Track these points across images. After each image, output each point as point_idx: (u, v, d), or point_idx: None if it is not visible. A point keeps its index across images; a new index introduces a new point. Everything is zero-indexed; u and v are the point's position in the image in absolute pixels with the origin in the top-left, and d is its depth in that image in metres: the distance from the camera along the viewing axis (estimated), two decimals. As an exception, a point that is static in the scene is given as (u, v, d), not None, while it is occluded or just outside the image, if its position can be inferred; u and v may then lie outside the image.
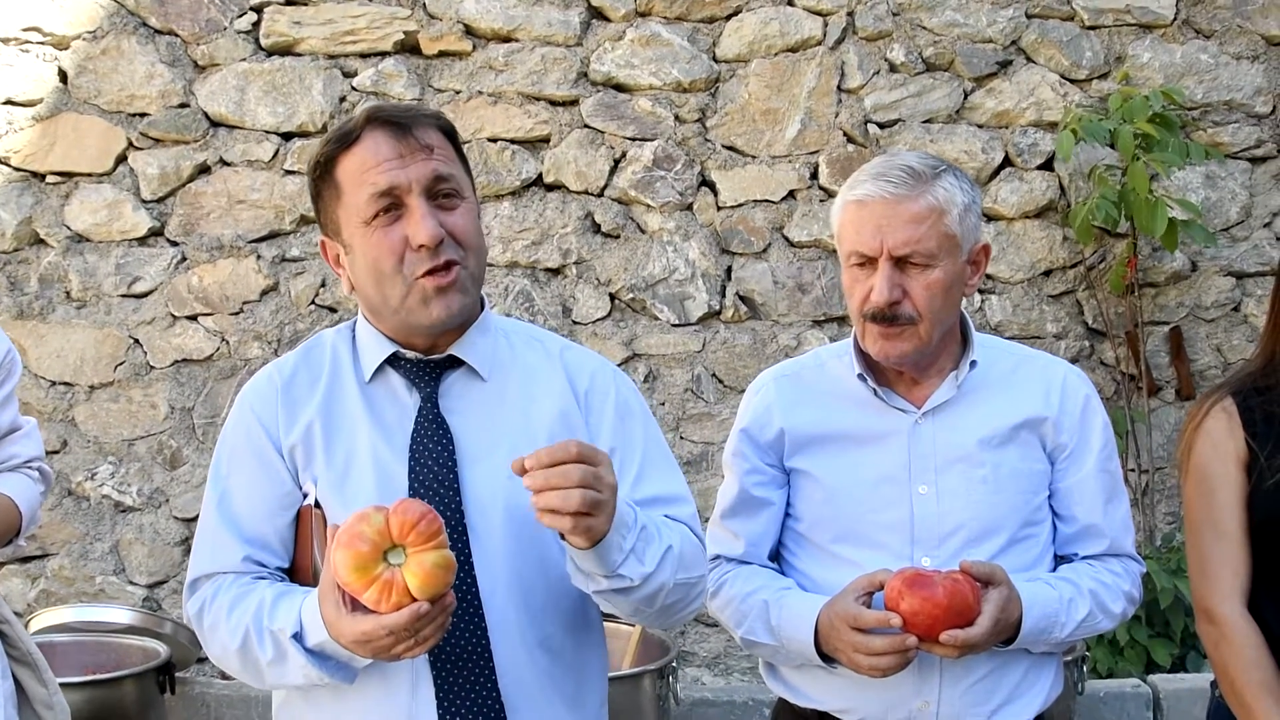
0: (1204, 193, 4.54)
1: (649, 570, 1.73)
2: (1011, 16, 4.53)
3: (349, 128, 1.81)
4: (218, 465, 1.89)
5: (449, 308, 1.79)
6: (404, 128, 1.78)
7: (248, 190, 4.48)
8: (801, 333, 4.51)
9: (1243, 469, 2.14)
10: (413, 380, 1.86)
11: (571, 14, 4.51)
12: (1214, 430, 2.16)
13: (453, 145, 1.85)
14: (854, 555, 2.06)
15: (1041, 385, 2.14)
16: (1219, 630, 2.12)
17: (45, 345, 4.44)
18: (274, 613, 1.73)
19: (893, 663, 1.92)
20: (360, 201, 1.78)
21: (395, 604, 1.56)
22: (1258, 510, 2.12)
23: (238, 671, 1.80)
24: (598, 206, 4.53)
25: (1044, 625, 2.03)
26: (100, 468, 4.47)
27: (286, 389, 1.87)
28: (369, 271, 1.80)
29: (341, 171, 1.80)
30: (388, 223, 1.77)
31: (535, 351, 1.94)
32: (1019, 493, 2.08)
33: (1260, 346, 2.25)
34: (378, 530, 1.56)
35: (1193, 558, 2.19)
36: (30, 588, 4.43)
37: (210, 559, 1.84)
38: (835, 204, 2.10)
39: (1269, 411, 2.14)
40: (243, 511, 1.84)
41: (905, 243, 1.99)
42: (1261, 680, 2.06)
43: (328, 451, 1.82)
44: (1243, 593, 2.13)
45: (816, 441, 2.12)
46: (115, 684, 3.58)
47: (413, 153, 1.77)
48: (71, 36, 4.46)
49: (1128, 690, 4.07)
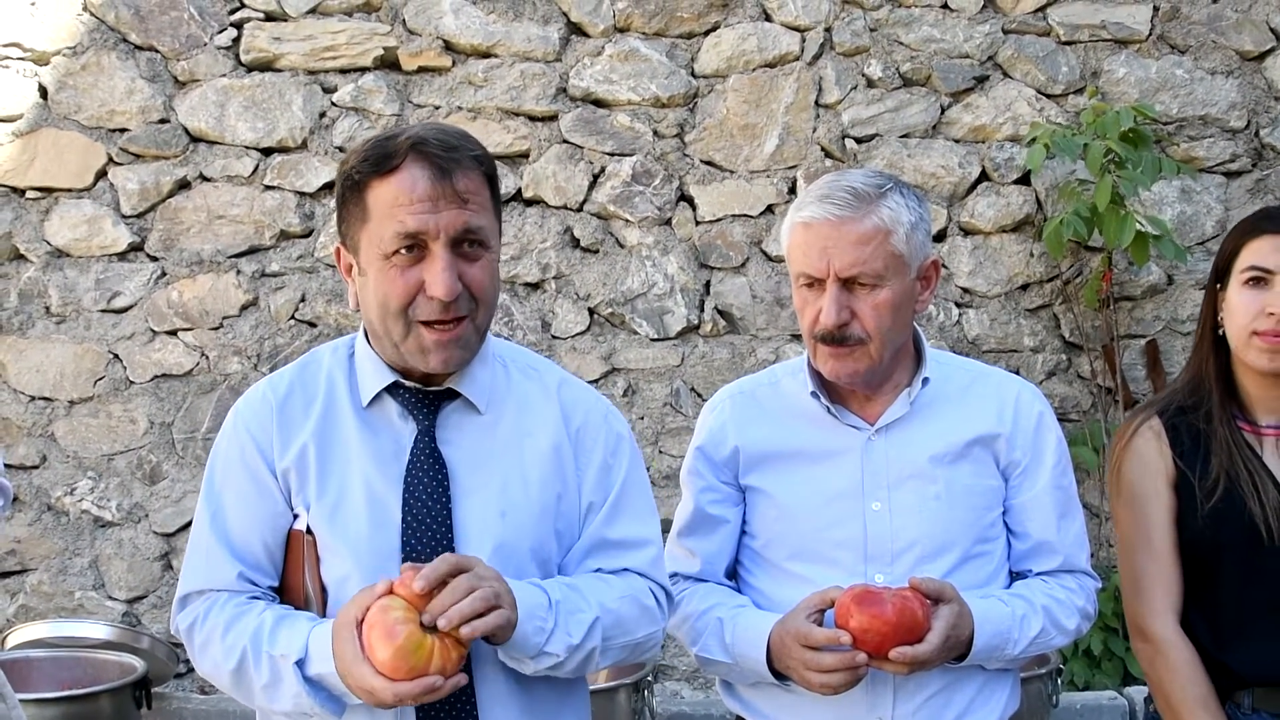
0: (1179, 207, 4.56)
1: (575, 642, 1.77)
2: (988, 32, 4.55)
3: (389, 151, 1.74)
4: (211, 481, 1.88)
5: (446, 363, 1.79)
6: (445, 171, 1.73)
7: (228, 205, 4.49)
8: (780, 347, 4.53)
9: (1172, 487, 2.17)
10: (410, 410, 1.85)
11: (550, 30, 4.53)
12: (1143, 450, 2.19)
13: (490, 189, 1.81)
14: (808, 572, 2.07)
15: (995, 402, 2.14)
16: (1153, 648, 2.16)
17: (25, 360, 4.45)
18: (274, 637, 1.73)
19: (843, 680, 1.93)
20: (385, 234, 1.74)
21: (457, 663, 1.64)
22: (1187, 529, 2.14)
23: (230, 689, 1.80)
24: (577, 221, 4.54)
25: (997, 642, 2.03)
26: (80, 483, 4.47)
27: (282, 409, 1.86)
28: (376, 304, 1.78)
29: (373, 196, 1.76)
30: (408, 263, 1.74)
31: (532, 382, 1.94)
32: (972, 509, 2.09)
33: (1187, 366, 2.27)
34: (405, 611, 1.63)
35: (1126, 576, 2.21)
36: (9, 603, 4.43)
37: (204, 575, 1.84)
38: (784, 225, 2.12)
39: (1195, 430, 2.16)
40: (236, 529, 1.83)
41: (851, 264, 1.99)
42: (1196, 695, 2.10)
43: (321, 478, 1.82)
44: (1175, 610, 2.16)
45: (770, 459, 2.13)
46: (91, 699, 3.57)
47: (448, 198, 1.73)
48: (52, 52, 4.47)
49: (1104, 702, 4.08)
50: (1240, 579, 2.13)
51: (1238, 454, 2.12)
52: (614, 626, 1.83)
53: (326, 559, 1.80)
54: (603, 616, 1.81)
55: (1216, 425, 2.15)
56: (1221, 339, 2.19)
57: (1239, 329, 2.13)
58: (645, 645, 1.90)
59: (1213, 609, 2.16)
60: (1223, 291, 2.18)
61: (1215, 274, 2.21)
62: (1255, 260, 2.11)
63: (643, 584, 1.90)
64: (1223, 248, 2.21)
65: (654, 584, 1.93)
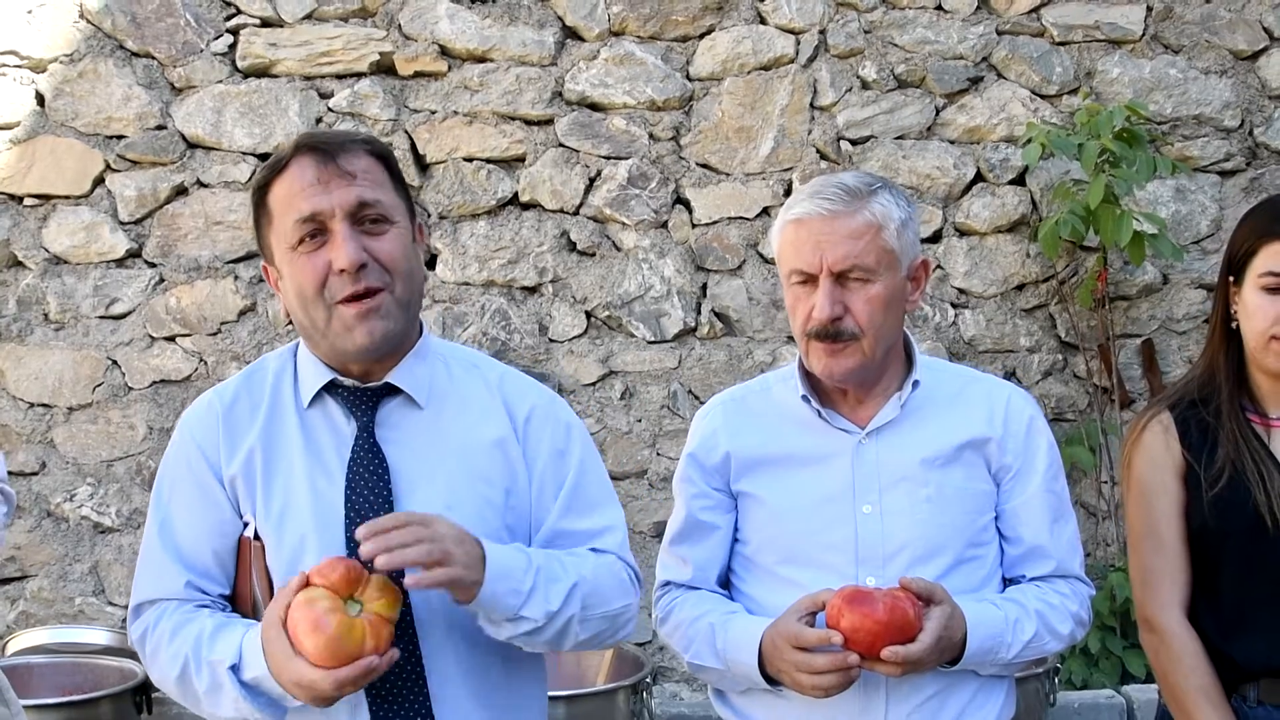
0: (1174, 206, 4.57)
1: (554, 608, 1.78)
2: (982, 33, 4.56)
3: (280, 154, 1.85)
4: (159, 492, 1.91)
5: (371, 334, 1.80)
6: (329, 154, 1.80)
7: (225, 211, 4.50)
8: (776, 349, 4.54)
9: (1180, 480, 2.19)
10: (350, 408, 1.87)
11: (546, 34, 4.54)
12: (1151, 444, 2.21)
13: (386, 169, 1.86)
14: (799, 576, 2.07)
15: (985, 406, 2.15)
16: (1158, 638, 2.18)
17: (23, 367, 4.46)
18: (213, 644, 1.75)
19: (835, 681, 1.92)
20: (287, 227, 1.81)
21: (388, 640, 1.66)
22: (1194, 519, 2.16)
23: (178, 697, 1.82)
24: (573, 225, 4.55)
25: (990, 645, 2.03)
26: (79, 489, 4.48)
27: (227, 416, 1.88)
28: (296, 296, 1.83)
29: (272, 198, 1.84)
30: (313, 248, 1.80)
31: (473, 378, 1.96)
32: (964, 513, 2.10)
33: (1200, 357, 2.29)
34: (330, 599, 1.63)
35: (1134, 568, 2.24)
36: (9, 609, 4.44)
37: (153, 585, 1.86)
38: (774, 227, 2.13)
39: (1204, 423, 2.18)
40: (184, 539, 1.85)
41: (844, 258, 2.00)
42: (1199, 685, 2.13)
43: (266, 483, 1.84)
44: (1182, 602, 2.18)
45: (761, 464, 2.14)
46: (92, 705, 3.57)
47: (336, 178, 1.80)
48: (49, 60, 4.48)
49: (1102, 701, 4.08)
50: (1244, 569, 2.14)
51: (1244, 444, 2.15)
52: (592, 595, 1.84)
53: (274, 563, 1.82)
54: (580, 584, 1.82)
55: (1225, 418, 2.17)
56: (1234, 331, 2.21)
57: (1258, 333, 2.15)
58: (621, 619, 1.91)
59: (1217, 600, 2.17)
60: (1236, 287, 2.19)
61: (1228, 267, 2.22)
62: (1274, 265, 2.12)
63: (612, 558, 1.92)
64: (1235, 241, 2.21)
65: (623, 563, 1.94)
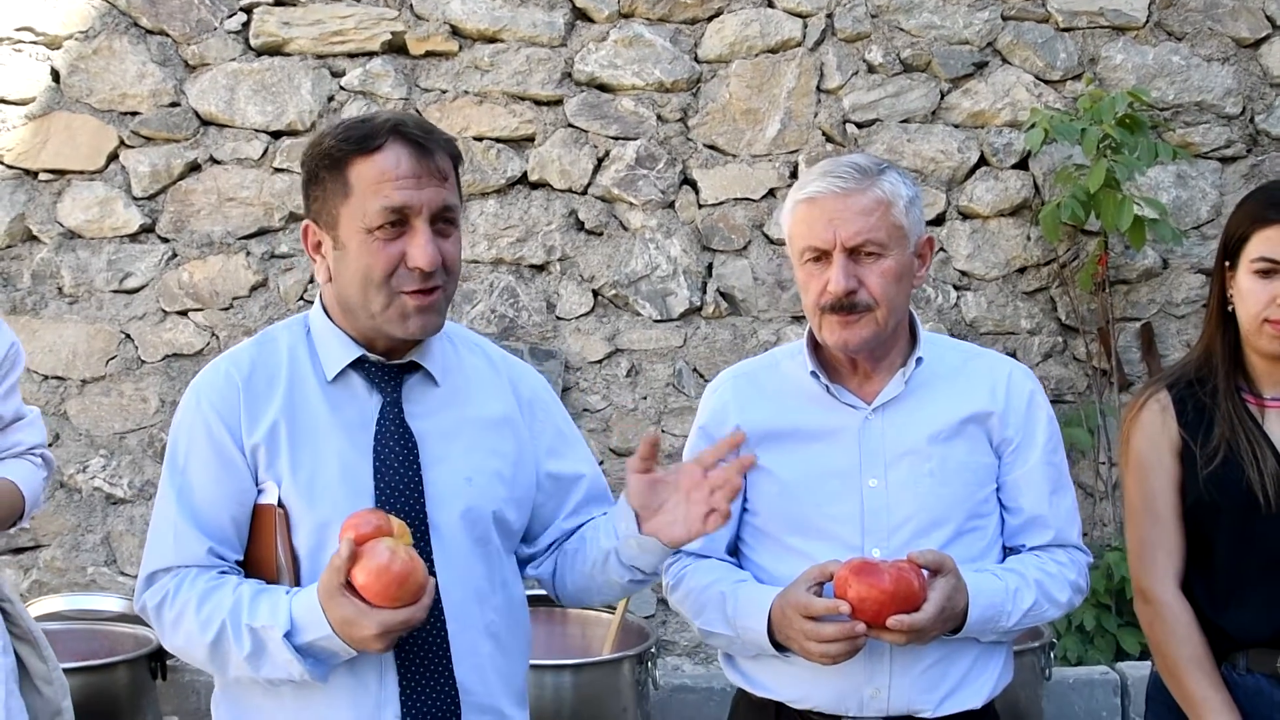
0: (1175, 192, 4.62)
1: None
2: (987, 19, 4.61)
3: (370, 131, 1.85)
4: (173, 459, 1.92)
5: (425, 327, 1.88)
6: (426, 150, 1.85)
7: (237, 188, 4.56)
8: (781, 328, 4.60)
9: (1177, 457, 2.26)
10: (374, 383, 1.93)
11: (556, 15, 4.58)
12: (1149, 422, 2.28)
13: (456, 174, 1.93)
14: (807, 547, 2.13)
15: (987, 381, 2.21)
16: (1153, 609, 2.26)
17: (38, 340, 4.52)
18: (254, 610, 1.80)
19: (842, 649, 1.99)
20: (370, 209, 1.83)
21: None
22: (1189, 495, 2.23)
23: (203, 661, 1.86)
24: (581, 204, 4.61)
25: (991, 614, 2.10)
26: (92, 461, 4.55)
27: (248, 386, 1.91)
28: (357, 275, 1.86)
29: (355, 174, 1.84)
30: (390, 236, 1.84)
31: (478, 357, 2.06)
32: (965, 485, 2.16)
33: (1199, 340, 2.36)
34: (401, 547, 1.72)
35: (1131, 542, 2.31)
36: (23, 578, 4.51)
37: (172, 553, 1.88)
38: (784, 207, 2.18)
39: (1201, 403, 2.25)
40: (204, 506, 1.88)
41: (858, 233, 2.07)
42: (1191, 655, 2.21)
43: (293, 453, 1.88)
44: (1176, 574, 2.26)
45: (771, 438, 2.19)
46: (107, 670, 3.63)
47: (429, 176, 1.84)
48: (64, 36, 4.53)
49: (1096, 676, 4.16)
50: (1236, 544, 2.21)
51: (1239, 423, 2.21)
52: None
53: (299, 530, 1.87)
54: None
55: (1221, 398, 2.24)
56: (1230, 315, 2.27)
57: (1251, 316, 2.21)
58: None
59: (1209, 573, 2.24)
60: (1231, 271, 2.25)
61: (1224, 252, 2.28)
62: (1265, 251, 2.19)
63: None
64: (1230, 227, 2.27)
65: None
